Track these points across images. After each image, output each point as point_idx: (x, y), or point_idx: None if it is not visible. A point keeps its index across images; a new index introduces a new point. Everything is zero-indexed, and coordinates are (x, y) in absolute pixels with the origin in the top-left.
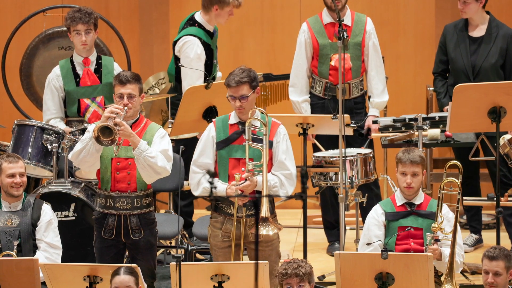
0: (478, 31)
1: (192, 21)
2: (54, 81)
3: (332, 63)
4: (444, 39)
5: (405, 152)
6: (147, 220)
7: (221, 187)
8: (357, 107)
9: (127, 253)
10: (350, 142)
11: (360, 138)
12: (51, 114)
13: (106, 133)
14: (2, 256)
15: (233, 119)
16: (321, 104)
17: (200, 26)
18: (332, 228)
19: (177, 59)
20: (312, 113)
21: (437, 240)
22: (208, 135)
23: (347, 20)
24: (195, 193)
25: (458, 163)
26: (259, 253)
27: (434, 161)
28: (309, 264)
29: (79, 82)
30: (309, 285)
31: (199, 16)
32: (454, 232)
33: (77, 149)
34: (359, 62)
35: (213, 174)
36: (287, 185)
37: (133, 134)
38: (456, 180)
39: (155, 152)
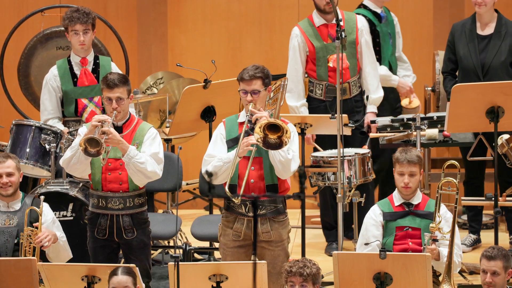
0: (487, 29)
1: (360, 5)
2: (51, 81)
3: (330, 64)
4: (453, 38)
5: (402, 152)
6: (140, 220)
7: (231, 153)
8: (357, 105)
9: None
10: (350, 141)
11: (361, 136)
12: (49, 114)
13: (93, 144)
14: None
15: (242, 117)
16: (323, 106)
17: (365, 7)
18: (331, 229)
19: None
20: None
21: (435, 240)
22: (218, 134)
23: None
24: (207, 168)
25: (456, 162)
26: (269, 252)
27: (432, 161)
28: (316, 265)
29: (76, 82)
30: (313, 286)
31: (366, 0)
32: (452, 232)
33: (67, 156)
34: (355, 60)
35: (210, 174)
36: (293, 163)
37: (122, 141)
38: (454, 180)
39: (144, 157)
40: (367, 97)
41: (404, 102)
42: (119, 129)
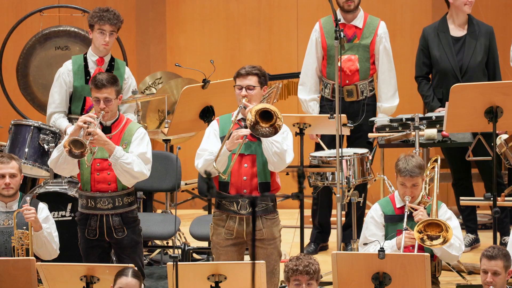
0: (460, 31)
1: None
2: (64, 75)
3: (338, 64)
4: (426, 42)
5: (404, 162)
6: (130, 218)
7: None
8: (363, 109)
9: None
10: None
11: (368, 145)
12: (56, 108)
13: (77, 145)
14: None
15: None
16: (329, 105)
17: None
18: (322, 232)
19: None
20: (320, 113)
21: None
22: (211, 130)
23: (359, 21)
24: (200, 166)
25: (438, 156)
26: (262, 251)
27: None
28: (317, 261)
29: (88, 80)
30: (316, 282)
31: None
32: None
33: (54, 156)
34: (368, 64)
35: (209, 174)
36: (288, 155)
37: (108, 142)
38: (438, 157)
39: (131, 158)
40: (365, 98)
41: None
42: (107, 129)
